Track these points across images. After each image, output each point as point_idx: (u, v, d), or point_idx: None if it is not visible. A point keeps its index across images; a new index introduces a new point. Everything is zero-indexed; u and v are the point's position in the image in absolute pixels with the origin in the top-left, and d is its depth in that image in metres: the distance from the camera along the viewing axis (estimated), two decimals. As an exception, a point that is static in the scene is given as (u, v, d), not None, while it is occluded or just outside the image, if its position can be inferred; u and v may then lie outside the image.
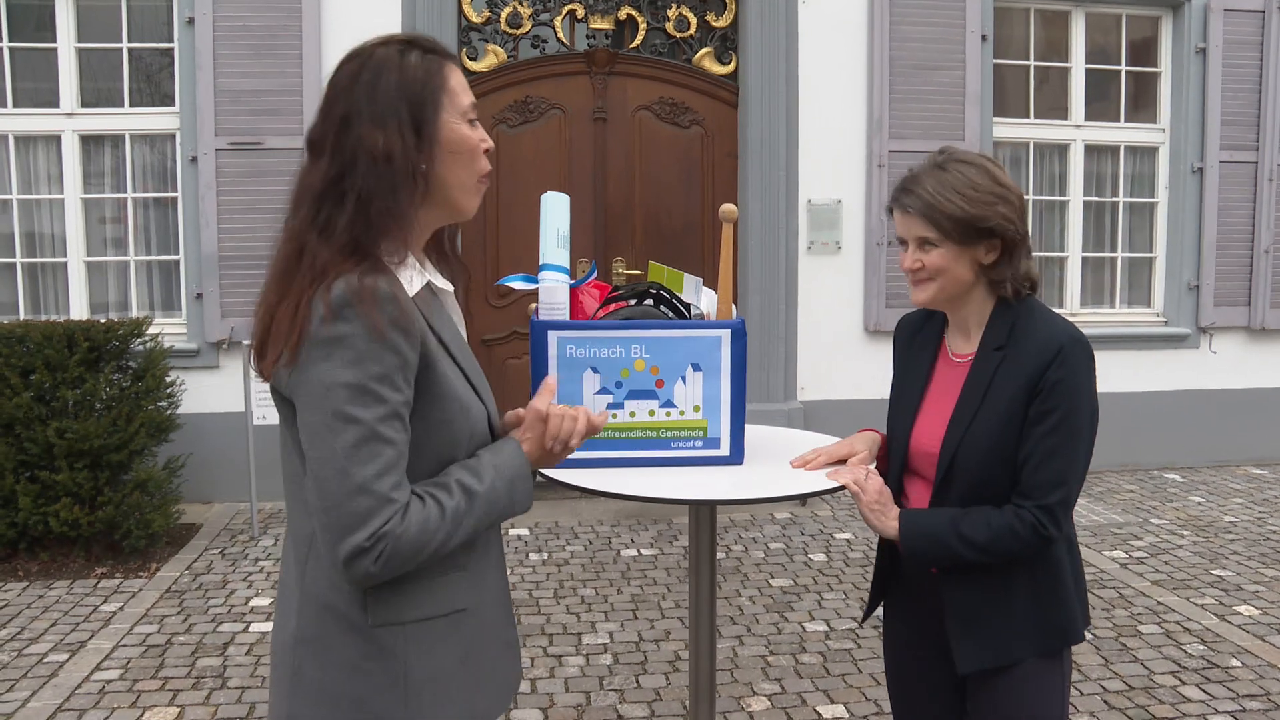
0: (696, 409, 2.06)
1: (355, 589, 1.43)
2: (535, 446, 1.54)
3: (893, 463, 2.02)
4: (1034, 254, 2.04)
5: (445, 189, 1.48)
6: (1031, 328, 1.84)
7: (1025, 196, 1.90)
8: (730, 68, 6.35)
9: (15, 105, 5.97)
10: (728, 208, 2.14)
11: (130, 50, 5.99)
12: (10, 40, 5.93)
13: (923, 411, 1.97)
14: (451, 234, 1.64)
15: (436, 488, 1.41)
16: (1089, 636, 3.69)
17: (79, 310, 6.01)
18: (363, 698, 1.44)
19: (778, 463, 2.09)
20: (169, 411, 5.20)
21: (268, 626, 4.21)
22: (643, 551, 5.16)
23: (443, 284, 1.55)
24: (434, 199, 1.49)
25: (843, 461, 2.03)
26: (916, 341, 2.05)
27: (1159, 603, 4.51)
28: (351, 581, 1.38)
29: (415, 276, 1.46)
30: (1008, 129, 6.68)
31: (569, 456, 1.58)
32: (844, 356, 6.42)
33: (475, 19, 6.10)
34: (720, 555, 5.07)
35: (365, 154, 1.40)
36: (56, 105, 5.95)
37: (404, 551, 1.35)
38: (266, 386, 5.53)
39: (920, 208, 1.84)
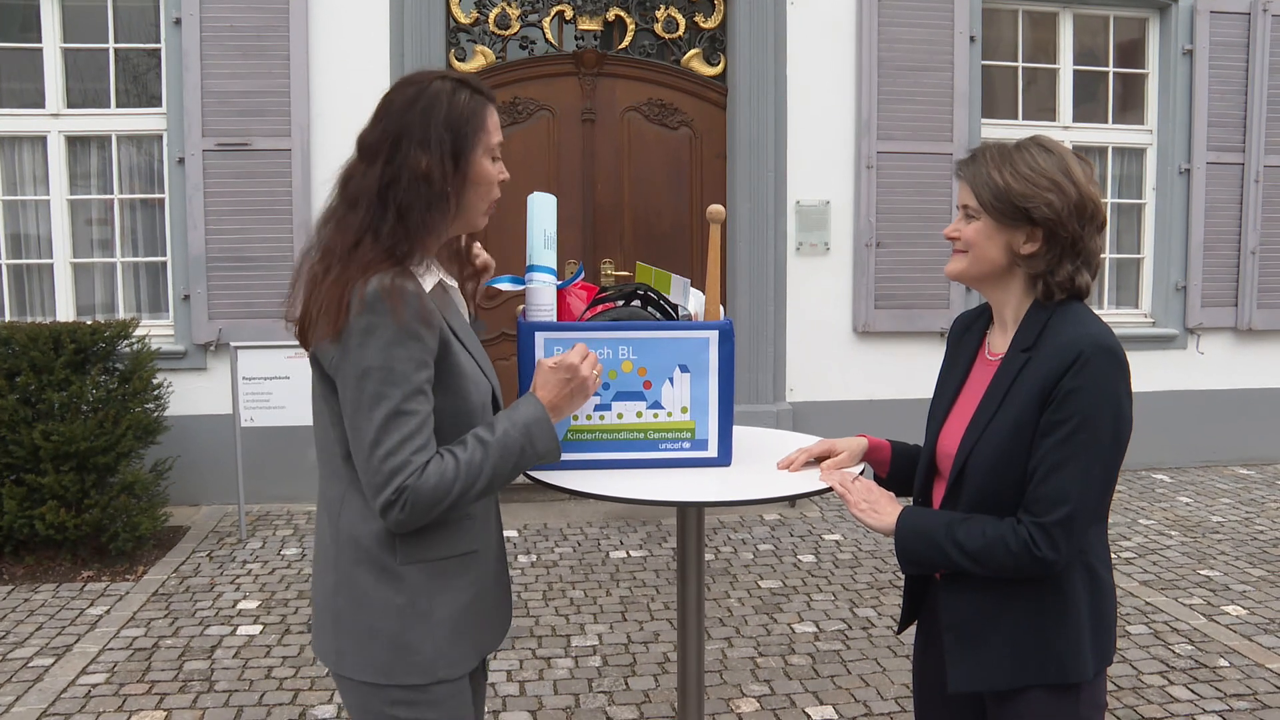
0: (684, 410, 2.05)
1: (385, 534, 1.69)
2: (550, 392, 1.79)
3: (923, 462, 1.95)
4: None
5: (465, 211, 1.76)
6: (1060, 331, 1.72)
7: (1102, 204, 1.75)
8: (719, 69, 6.35)
9: (0, 106, 5.94)
10: (715, 208, 2.12)
11: (117, 51, 5.95)
12: (-5, 40, 5.91)
13: (953, 411, 1.89)
14: (468, 240, 1.93)
15: (456, 444, 1.68)
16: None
17: (65, 312, 5.98)
18: (396, 630, 1.70)
19: (765, 464, 2.09)
20: (156, 414, 5.17)
21: (255, 630, 4.19)
22: (631, 553, 5.15)
23: (450, 281, 1.82)
24: (456, 218, 1.76)
25: (822, 460, 2.03)
26: (964, 339, 1.96)
27: (1147, 603, 4.53)
28: (389, 527, 1.65)
29: (429, 276, 1.73)
30: (996, 130, 6.68)
31: (566, 459, 1.64)
32: (832, 358, 6.42)
33: (463, 20, 6.09)
34: (709, 557, 5.07)
35: (409, 171, 1.66)
36: (42, 106, 5.92)
37: (425, 500, 1.61)
38: (254, 389, 5.53)
39: (969, 175, 1.79)
